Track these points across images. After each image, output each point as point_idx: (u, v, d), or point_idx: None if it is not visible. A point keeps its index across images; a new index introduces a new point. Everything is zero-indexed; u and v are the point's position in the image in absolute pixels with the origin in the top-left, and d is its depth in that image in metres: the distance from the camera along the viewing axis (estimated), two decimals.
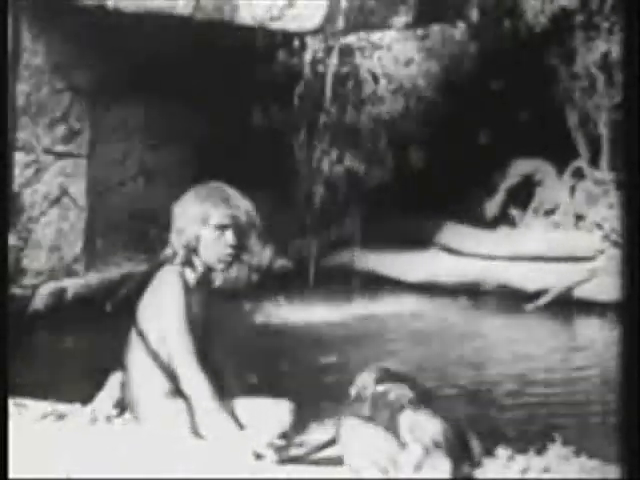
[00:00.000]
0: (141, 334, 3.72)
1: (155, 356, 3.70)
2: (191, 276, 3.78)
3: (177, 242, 3.79)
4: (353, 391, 3.54)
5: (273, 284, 8.15)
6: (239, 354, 4.09)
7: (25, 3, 6.77)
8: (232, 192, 3.84)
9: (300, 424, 3.76)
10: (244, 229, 3.82)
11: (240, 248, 3.81)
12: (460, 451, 3.21)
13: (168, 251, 3.81)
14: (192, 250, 3.77)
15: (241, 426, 3.64)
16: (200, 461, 3.39)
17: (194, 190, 3.84)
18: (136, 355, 3.74)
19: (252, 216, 3.85)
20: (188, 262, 3.78)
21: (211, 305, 3.91)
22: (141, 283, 3.82)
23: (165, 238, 3.86)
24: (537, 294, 7.92)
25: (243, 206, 3.83)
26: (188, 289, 3.74)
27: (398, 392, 3.38)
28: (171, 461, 3.37)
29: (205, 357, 3.75)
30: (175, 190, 3.97)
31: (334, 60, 8.48)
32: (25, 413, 3.79)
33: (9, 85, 6.47)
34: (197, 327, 3.75)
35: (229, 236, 3.78)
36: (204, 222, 3.77)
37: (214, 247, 3.78)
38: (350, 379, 3.58)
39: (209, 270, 3.84)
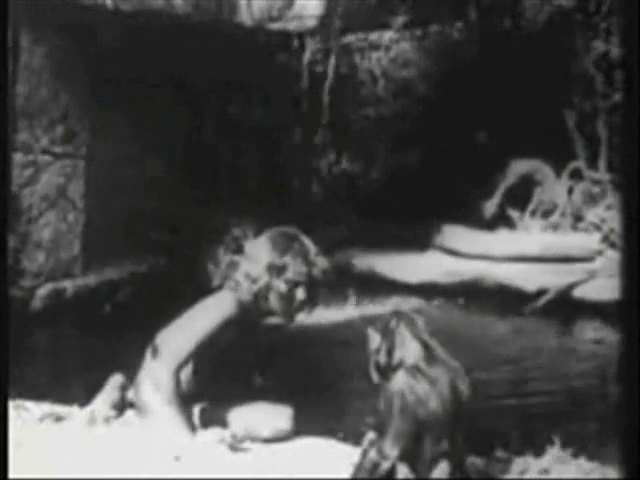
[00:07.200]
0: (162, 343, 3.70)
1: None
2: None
3: (245, 284, 3.75)
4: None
5: None
6: (240, 355, 4.08)
7: (24, 3, 6.76)
8: (311, 246, 3.81)
9: (299, 428, 3.76)
10: (317, 286, 3.80)
11: (308, 303, 3.81)
12: None
13: (231, 283, 3.78)
14: (263, 298, 3.76)
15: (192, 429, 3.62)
16: (197, 462, 3.38)
17: (271, 235, 3.81)
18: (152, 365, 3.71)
19: (328, 274, 3.82)
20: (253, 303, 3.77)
21: None
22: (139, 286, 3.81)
23: (163, 239, 3.85)
24: (536, 295, 7.91)
25: (320, 264, 3.80)
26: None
27: None
28: (169, 462, 3.37)
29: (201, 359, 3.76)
30: (173, 192, 3.96)
31: (333, 61, 8.48)
32: (24, 415, 3.78)
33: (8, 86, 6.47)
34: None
35: (300, 292, 3.77)
36: (279, 274, 3.74)
37: (283, 299, 3.76)
38: (348, 381, 3.56)
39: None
